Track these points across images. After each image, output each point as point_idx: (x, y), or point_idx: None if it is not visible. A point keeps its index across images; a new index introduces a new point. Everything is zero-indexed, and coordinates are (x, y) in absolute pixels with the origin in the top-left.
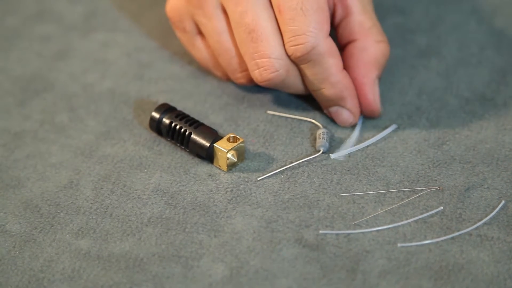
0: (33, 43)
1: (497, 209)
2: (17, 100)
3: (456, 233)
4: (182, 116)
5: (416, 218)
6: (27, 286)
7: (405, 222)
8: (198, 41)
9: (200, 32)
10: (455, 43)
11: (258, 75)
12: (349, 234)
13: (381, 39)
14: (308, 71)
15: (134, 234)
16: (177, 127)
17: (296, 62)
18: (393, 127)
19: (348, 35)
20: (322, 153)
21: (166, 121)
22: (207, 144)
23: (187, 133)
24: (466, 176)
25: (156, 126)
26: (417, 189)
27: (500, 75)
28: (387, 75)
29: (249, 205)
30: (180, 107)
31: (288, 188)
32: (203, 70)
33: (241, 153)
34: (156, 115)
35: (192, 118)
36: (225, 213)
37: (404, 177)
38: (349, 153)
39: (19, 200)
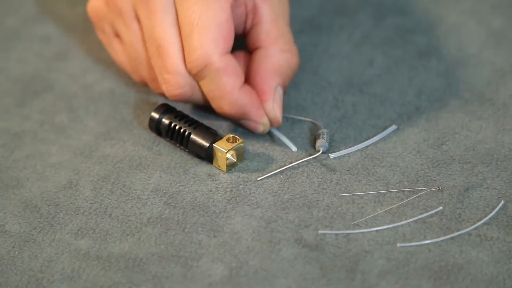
0: (33, 44)
1: (496, 209)
2: (17, 101)
3: (456, 233)
4: (181, 117)
5: (415, 218)
6: (26, 286)
7: (404, 222)
8: (116, 44)
9: (119, 35)
10: (455, 43)
11: (166, 90)
12: (348, 234)
13: (287, 49)
14: (204, 88)
15: (134, 234)
16: (177, 127)
17: (194, 79)
18: (393, 127)
19: (254, 43)
20: (322, 153)
21: (165, 121)
22: (207, 144)
23: (186, 133)
24: (465, 176)
25: (155, 127)
26: (417, 189)
27: (500, 76)
28: (387, 75)
29: (248, 205)
30: (179, 107)
31: (288, 188)
32: None
33: (241, 153)
34: (155, 115)
35: (192, 119)
36: (224, 213)
37: (403, 177)
38: (348, 153)
39: (18, 200)
